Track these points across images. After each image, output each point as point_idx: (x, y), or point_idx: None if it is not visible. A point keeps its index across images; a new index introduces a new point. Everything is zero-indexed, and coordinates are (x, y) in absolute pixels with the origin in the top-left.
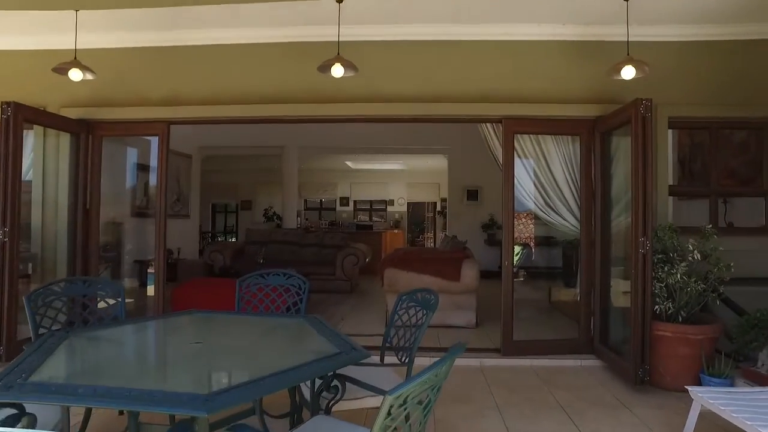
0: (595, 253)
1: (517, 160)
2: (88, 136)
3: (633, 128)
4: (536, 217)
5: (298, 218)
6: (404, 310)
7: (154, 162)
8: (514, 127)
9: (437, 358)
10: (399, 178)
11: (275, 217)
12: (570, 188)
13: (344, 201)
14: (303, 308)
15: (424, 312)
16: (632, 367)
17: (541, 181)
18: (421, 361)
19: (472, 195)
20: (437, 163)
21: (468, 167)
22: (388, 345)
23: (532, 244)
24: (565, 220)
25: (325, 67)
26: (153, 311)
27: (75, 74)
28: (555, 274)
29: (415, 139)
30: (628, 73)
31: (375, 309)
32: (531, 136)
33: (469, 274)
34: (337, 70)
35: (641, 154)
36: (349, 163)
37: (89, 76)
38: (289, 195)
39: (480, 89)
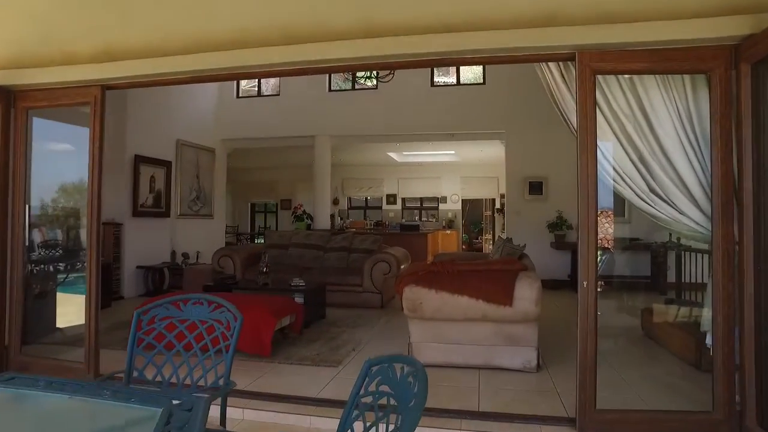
0: (744, 266)
1: (601, 121)
2: (9, 108)
3: None
4: (618, 211)
5: (339, 219)
6: (371, 398)
7: (160, 153)
8: (594, 63)
9: None
10: (452, 172)
11: (305, 216)
12: (690, 162)
13: (391, 199)
14: (229, 361)
15: (398, 414)
16: None
17: (641, 153)
18: None
19: (536, 188)
20: (495, 151)
21: (530, 153)
22: None
23: (610, 246)
24: (682, 213)
25: None
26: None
27: None
28: (646, 287)
29: (465, 120)
30: None
31: (404, 335)
32: (622, 78)
33: (526, 295)
34: None
35: None
36: (392, 155)
37: None
38: (321, 191)
39: (539, 6)
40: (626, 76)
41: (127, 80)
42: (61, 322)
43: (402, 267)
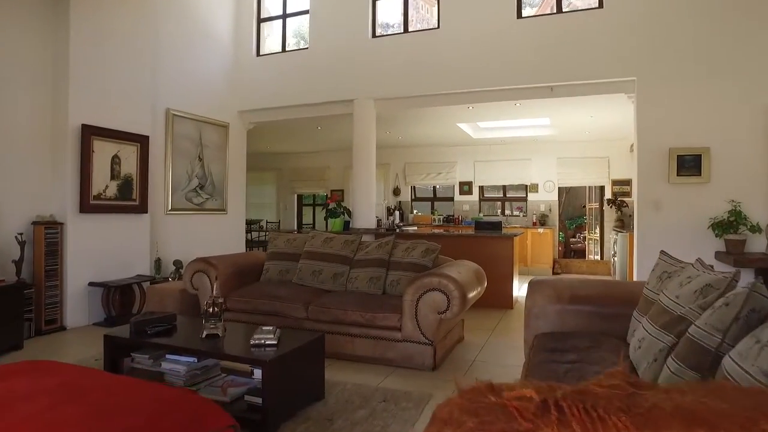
0: None
1: None
2: None
3: None
4: None
5: (390, 215)
6: None
7: (130, 125)
8: None
9: None
10: (545, 151)
11: (342, 211)
12: None
13: (465, 187)
14: None
15: None
16: None
17: None
18: None
19: (689, 165)
20: (613, 114)
21: (678, 111)
22: None
23: None
24: None
25: None
26: None
27: None
28: None
29: (570, 65)
30: None
31: None
32: None
33: None
34: None
35: None
36: (465, 128)
37: None
38: (362, 177)
39: None
40: None
41: None
42: None
43: (470, 296)
